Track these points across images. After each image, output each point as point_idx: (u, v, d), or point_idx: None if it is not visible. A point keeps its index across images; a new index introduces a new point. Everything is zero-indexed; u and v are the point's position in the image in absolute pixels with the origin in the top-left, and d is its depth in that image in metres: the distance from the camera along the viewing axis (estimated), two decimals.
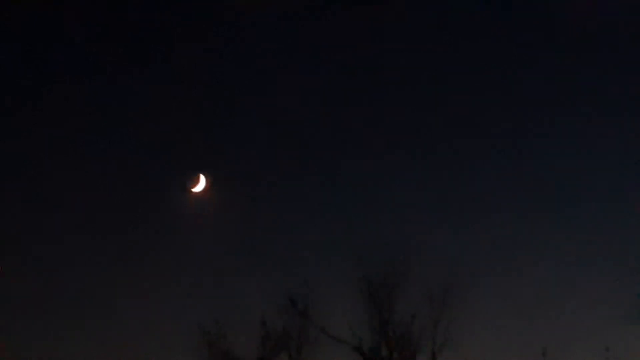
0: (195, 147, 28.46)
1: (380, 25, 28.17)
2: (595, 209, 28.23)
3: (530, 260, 27.59)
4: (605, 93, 28.63)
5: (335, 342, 24.85)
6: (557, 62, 28.54)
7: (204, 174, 26.48)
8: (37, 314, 27.21)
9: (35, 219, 28.55)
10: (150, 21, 28.72)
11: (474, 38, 28.57)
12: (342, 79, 28.84)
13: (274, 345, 25.36)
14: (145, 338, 27.15)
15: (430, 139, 29.25)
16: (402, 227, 26.94)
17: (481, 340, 25.64)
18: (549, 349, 25.08)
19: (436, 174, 28.83)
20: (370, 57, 28.63)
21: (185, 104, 28.49)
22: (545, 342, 25.11)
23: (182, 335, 25.92)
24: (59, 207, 28.47)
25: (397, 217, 27.96)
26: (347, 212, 28.45)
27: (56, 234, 28.52)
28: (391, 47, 28.47)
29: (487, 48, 28.66)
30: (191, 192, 26.74)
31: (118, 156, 29.01)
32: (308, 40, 28.46)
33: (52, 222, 28.53)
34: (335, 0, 28.53)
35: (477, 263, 26.68)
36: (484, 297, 25.88)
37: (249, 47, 28.98)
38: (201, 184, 26.64)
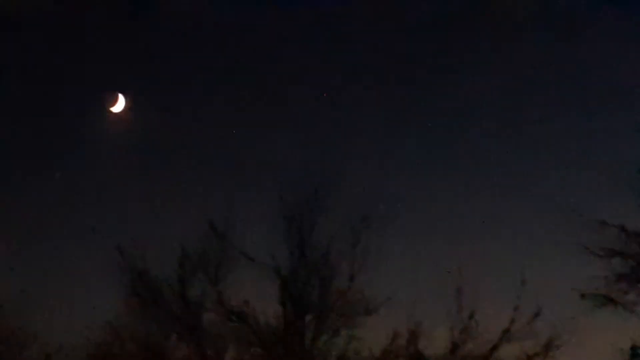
0: (113, 65, 27.92)
1: None
2: (511, 140, 28.59)
3: (449, 189, 27.98)
4: None
5: (254, 265, 25.04)
6: None
7: (122, 93, 26.12)
8: None
9: None
10: None
11: None
12: None
13: (192, 267, 25.45)
14: (62, 259, 26.98)
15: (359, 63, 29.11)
16: (323, 151, 26.96)
17: (398, 265, 26.03)
18: (464, 272, 25.52)
19: (360, 99, 28.79)
20: None
21: (101, 18, 27.77)
22: (461, 264, 25.57)
23: (100, 257, 25.90)
24: None
25: (319, 141, 27.97)
26: (269, 135, 28.36)
27: None
28: None
29: None
30: (110, 111, 26.36)
31: (30, 73, 28.13)
32: None
33: None
34: None
35: (397, 189, 26.95)
36: (403, 223, 26.22)
37: None
38: (120, 104, 26.24)
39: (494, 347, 25.25)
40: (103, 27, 27.79)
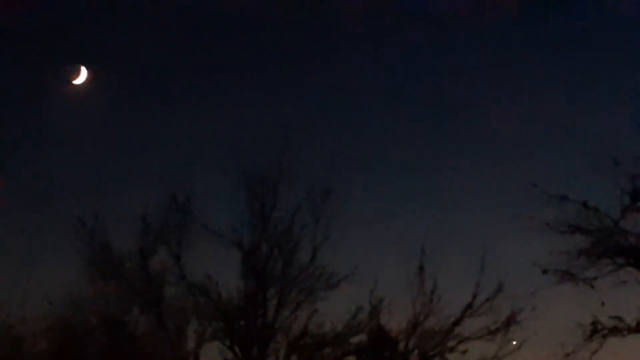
0: (76, 38, 27.64)
1: None
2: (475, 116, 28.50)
3: (412, 164, 27.96)
4: None
5: (216, 238, 24.92)
6: None
7: (85, 66, 25.83)
8: None
9: None
10: None
11: None
12: None
13: (153, 240, 25.30)
14: (23, 231, 26.81)
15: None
16: (285, 123, 26.74)
17: (361, 239, 25.97)
18: (427, 247, 25.53)
19: (320, 69, 28.60)
20: None
21: None
22: (423, 240, 25.55)
23: (62, 229, 25.76)
24: None
25: (281, 113, 27.82)
26: (230, 107, 28.21)
27: None
28: None
29: None
30: (72, 84, 26.09)
31: None
32: None
33: None
34: None
35: (360, 163, 26.91)
36: (365, 197, 26.20)
37: None
38: (82, 76, 25.97)
39: (456, 322, 25.30)
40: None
